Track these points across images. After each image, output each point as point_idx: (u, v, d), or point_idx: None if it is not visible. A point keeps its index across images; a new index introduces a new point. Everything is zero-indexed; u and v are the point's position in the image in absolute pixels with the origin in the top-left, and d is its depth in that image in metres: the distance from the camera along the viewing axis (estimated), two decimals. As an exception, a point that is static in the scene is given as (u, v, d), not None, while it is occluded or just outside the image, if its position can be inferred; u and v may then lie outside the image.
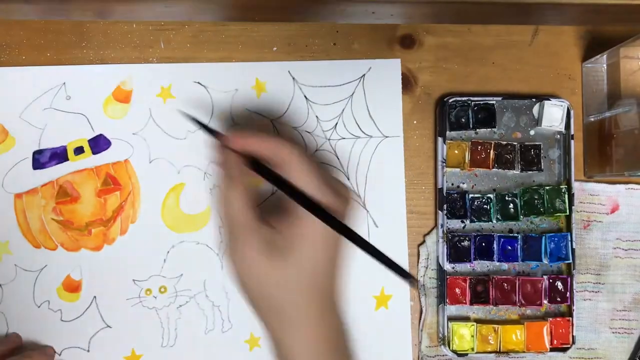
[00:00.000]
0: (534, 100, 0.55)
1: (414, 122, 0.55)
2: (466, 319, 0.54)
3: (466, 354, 0.53)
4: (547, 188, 0.54)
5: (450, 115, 0.54)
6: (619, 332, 0.55)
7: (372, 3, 0.48)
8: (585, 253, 0.56)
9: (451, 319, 0.54)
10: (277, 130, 0.54)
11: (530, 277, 0.54)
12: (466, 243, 0.54)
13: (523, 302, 0.54)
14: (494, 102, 0.54)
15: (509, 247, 0.54)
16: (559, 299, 0.54)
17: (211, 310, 0.54)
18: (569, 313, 0.54)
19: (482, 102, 0.54)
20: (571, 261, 0.54)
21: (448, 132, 0.54)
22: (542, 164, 0.54)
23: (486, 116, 0.54)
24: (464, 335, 0.53)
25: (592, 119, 0.55)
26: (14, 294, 0.52)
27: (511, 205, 0.54)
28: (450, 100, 0.54)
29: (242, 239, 0.42)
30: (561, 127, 0.54)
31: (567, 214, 0.54)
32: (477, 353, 0.53)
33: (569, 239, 0.54)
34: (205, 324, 0.54)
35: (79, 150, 0.53)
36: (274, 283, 0.42)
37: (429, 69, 0.55)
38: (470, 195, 0.54)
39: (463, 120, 0.54)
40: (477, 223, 0.54)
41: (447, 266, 0.54)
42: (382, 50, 0.55)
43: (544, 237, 0.54)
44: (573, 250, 0.54)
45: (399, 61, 0.55)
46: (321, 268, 0.42)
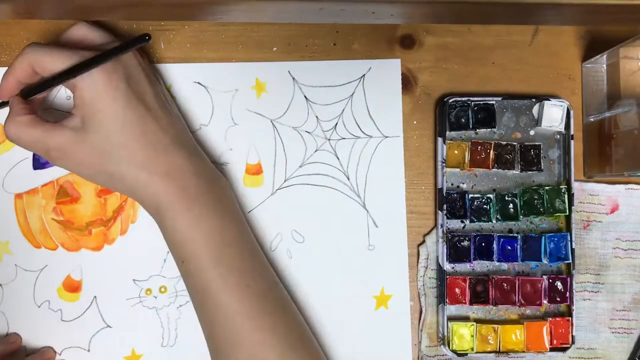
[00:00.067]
0: (533, 100, 0.55)
1: (414, 122, 0.55)
2: (466, 318, 0.54)
3: (466, 354, 0.53)
4: (546, 188, 0.54)
5: (450, 115, 0.54)
6: (618, 332, 0.56)
7: (372, 3, 0.48)
8: (585, 253, 0.56)
9: (451, 318, 0.54)
10: (277, 130, 0.54)
11: (529, 277, 0.54)
12: (466, 243, 0.54)
13: (523, 302, 0.54)
14: (493, 102, 0.54)
15: (509, 247, 0.54)
16: (558, 299, 0.54)
17: (211, 310, 0.54)
18: (569, 313, 0.54)
19: (482, 102, 0.54)
20: (571, 261, 0.54)
21: (448, 132, 0.54)
22: (541, 164, 0.54)
23: (486, 116, 0.54)
24: (463, 335, 0.53)
25: (592, 119, 0.55)
26: (14, 294, 0.52)
27: (511, 206, 0.54)
28: (450, 101, 0.54)
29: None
30: (561, 127, 0.54)
31: (567, 214, 0.54)
32: (476, 353, 0.53)
33: (569, 239, 0.54)
34: (206, 324, 0.54)
35: (79, 150, 0.52)
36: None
37: (429, 69, 0.55)
38: (470, 196, 0.54)
39: (463, 120, 0.54)
40: (476, 223, 0.54)
41: (447, 266, 0.54)
42: (382, 51, 0.55)
43: (543, 237, 0.54)
44: (573, 250, 0.54)
45: (399, 61, 0.55)
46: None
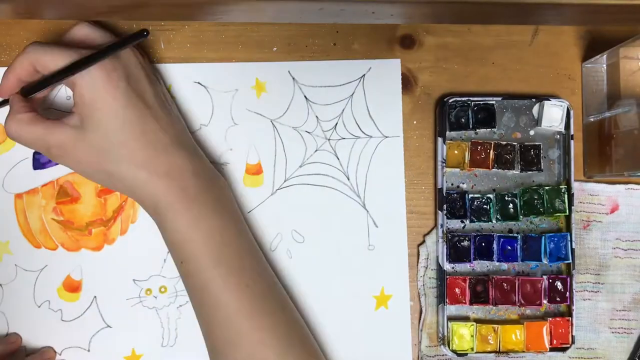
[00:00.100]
0: (533, 100, 0.55)
1: (413, 122, 0.55)
2: (466, 318, 0.54)
3: (466, 354, 0.53)
4: (546, 188, 0.54)
5: (450, 115, 0.54)
6: (618, 332, 0.56)
7: (372, 3, 0.48)
8: (585, 253, 0.56)
9: (451, 318, 0.54)
10: (277, 130, 0.54)
11: (529, 277, 0.54)
12: (466, 243, 0.54)
13: (523, 302, 0.54)
14: (493, 102, 0.54)
15: (509, 247, 0.54)
16: (558, 299, 0.54)
17: (211, 310, 0.54)
18: (569, 313, 0.54)
19: (482, 102, 0.54)
20: (571, 261, 0.54)
21: (448, 132, 0.54)
22: (541, 164, 0.54)
23: (486, 116, 0.54)
24: (463, 335, 0.53)
25: (592, 119, 0.55)
26: (14, 294, 0.52)
27: (511, 206, 0.54)
28: (450, 101, 0.54)
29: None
30: (561, 127, 0.54)
31: (567, 214, 0.54)
32: (476, 353, 0.53)
33: (569, 239, 0.54)
34: (205, 324, 0.54)
35: (79, 150, 0.52)
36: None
37: (429, 69, 0.55)
38: (470, 196, 0.54)
39: (463, 120, 0.54)
40: (476, 223, 0.54)
41: (447, 266, 0.54)
42: (382, 51, 0.55)
43: (543, 237, 0.54)
44: (573, 250, 0.54)
45: (398, 61, 0.55)
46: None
